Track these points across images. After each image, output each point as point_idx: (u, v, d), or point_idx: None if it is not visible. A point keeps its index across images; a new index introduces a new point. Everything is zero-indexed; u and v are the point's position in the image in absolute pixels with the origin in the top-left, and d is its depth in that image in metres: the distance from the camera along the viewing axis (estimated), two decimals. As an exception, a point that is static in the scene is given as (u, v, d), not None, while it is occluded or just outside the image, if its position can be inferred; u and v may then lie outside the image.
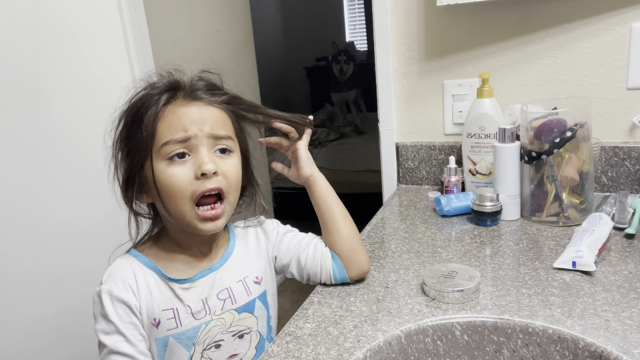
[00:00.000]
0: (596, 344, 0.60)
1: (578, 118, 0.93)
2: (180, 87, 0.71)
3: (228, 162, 0.71)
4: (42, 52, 1.31)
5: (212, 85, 0.74)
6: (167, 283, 0.72)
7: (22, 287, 1.36)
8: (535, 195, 0.99)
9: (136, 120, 0.69)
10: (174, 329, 0.71)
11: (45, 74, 1.32)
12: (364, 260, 0.80)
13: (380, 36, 1.25)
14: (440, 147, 1.26)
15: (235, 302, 0.76)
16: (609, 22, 1.07)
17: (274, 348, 0.65)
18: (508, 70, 1.17)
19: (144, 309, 0.70)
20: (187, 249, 0.75)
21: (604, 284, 0.74)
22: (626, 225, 0.91)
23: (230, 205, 0.72)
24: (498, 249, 0.89)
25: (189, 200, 0.68)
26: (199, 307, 0.73)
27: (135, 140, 0.69)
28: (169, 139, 0.67)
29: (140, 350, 0.68)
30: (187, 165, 0.68)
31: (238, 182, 0.73)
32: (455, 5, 1.17)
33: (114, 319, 0.67)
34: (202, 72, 0.75)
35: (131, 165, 0.71)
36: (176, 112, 0.68)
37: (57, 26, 1.31)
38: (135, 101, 0.71)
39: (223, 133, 0.70)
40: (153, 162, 0.68)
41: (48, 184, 1.36)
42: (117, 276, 0.70)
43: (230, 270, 0.77)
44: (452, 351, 0.69)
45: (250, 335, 0.77)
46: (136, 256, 0.74)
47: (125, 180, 0.72)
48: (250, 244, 0.81)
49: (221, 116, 0.72)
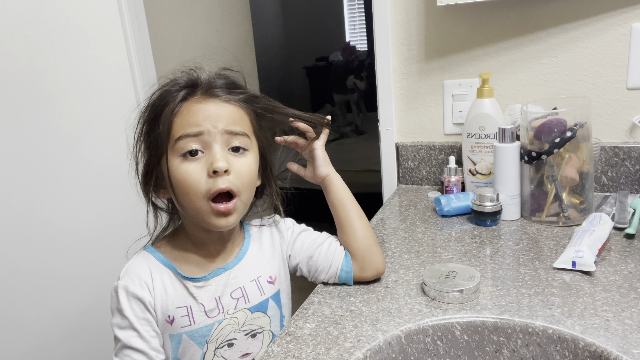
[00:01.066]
0: (596, 344, 0.60)
1: (578, 118, 0.93)
2: (199, 84, 0.71)
3: (242, 161, 0.70)
4: (42, 52, 1.31)
5: (230, 83, 0.74)
6: (181, 281, 0.73)
7: (24, 287, 1.36)
8: (535, 195, 0.99)
9: (155, 117, 0.70)
10: (188, 327, 0.72)
11: (45, 73, 1.32)
12: (379, 260, 0.80)
13: (380, 36, 1.25)
14: (440, 147, 1.26)
15: (249, 302, 0.76)
16: (609, 22, 1.07)
17: (274, 348, 0.65)
18: (508, 70, 1.17)
19: (158, 305, 0.71)
20: (202, 247, 0.75)
21: (604, 284, 0.74)
22: (626, 225, 0.91)
23: (243, 204, 0.72)
24: (498, 249, 0.89)
25: (203, 198, 0.68)
26: (212, 305, 0.73)
27: (153, 136, 0.70)
28: (182, 134, 0.67)
29: (152, 347, 0.70)
30: (201, 163, 0.68)
31: (251, 182, 0.72)
32: (455, 5, 1.17)
33: (128, 314, 0.69)
34: (223, 69, 0.76)
35: (149, 161, 0.71)
36: (192, 108, 0.69)
37: (57, 26, 1.31)
38: (155, 98, 0.72)
39: (238, 129, 0.70)
40: (168, 158, 0.68)
41: (48, 183, 1.36)
42: (133, 272, 0.72)
43: (244, 270, 0.77)
44: (452, 351, 0.69)
45: (262, 335, 0.77)
46: (152, 253, 0.74)
47: (144, 175, 0.73)
48: (265, 244, 0.81)
49: (237, 113, 0.71)
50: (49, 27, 1.30)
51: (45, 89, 1.33)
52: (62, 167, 1.37)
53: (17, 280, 1.35)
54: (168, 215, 0.78)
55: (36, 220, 1.36)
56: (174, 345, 0.73)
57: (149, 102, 0.72)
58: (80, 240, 1.40)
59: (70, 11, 1.30)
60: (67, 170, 1.37)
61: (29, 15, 1.29)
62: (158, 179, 0.72)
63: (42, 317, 1.39)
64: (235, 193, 0.69)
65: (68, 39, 1.32)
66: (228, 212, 0.69)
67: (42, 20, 1.30)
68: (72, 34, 1.32)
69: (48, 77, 1.33)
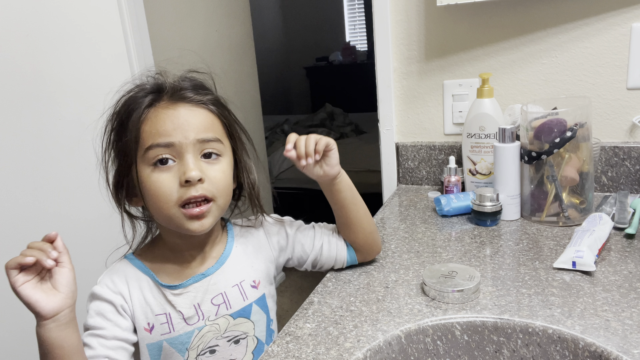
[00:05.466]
0: (596, 344, 0.60)
1: (578, 118, 0.93)
2: (164, 89, 0.69)
3: (215, 167, 0.69)
4: (42, 51, 1.31)
5: (198, 85, 0.72)
6: (160, 288, 0.72)
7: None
8: (535, 195, 0.99)
9: (122, 124, 0.68)
10: (167, 334, 0.71)
11: (45, 73, 1.32)
12: (379, 245, 0.86)
13: (380, 36, 1.25)
14: (440, 147, 1.26)
15: (230, 308, 0.74)
16: (609, 22, 1.07)
17: (274, 348, 0.65)
18: (508, 70, 1.17)
19: (137, 313, 0.71)
20: (179, 253, 0.74)
21: (604, 284, 0.74)
22: (626, 225, 0.91)
23: (219, 208, 0.70)
24: (498, 249, 0.89)
25: (175, 205, 0.66)
26: (190, 312, 0.72)
27: (121, 144, 0.68)
28: (152, 143, 0.66)
29: (107, 347, 0.67)
30: (172, 172, 0.66)
31: (226, 187, 0.70)
32: (455, 5, 1.17)
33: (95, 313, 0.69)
34: (189, 72, 0.73)
35: (119, 169, 0.70)
36: (160, 114, 0.67)
37: (57, 26, 1.31)
38: (121, 105, 0.70)
39: (210, 136, 0.68)
40: (138, 167, 0.67)
41: (48, 183, 1.36)
42: (108, 279, 0.72)
43: (225, 275, 0.75)
44: (452, 351, 0.69)
45: (246, 341, 0.76)
46: (132, 260, 0.74)
47: (115, 184, 0.71)
48: (250, 246, 0.79)
49: (208, 118, 0.69)
50: (49, 27, 1.30)
51: (45, 89, 1.33)
52: (62, 166, 1.37)
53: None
54: (146, 223, 0.77)
55: (36, 220, 1.36)
56: (155, 353, 0.72)
57: (115, 110, 0.70)
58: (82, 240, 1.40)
59: (70, 12, 1.30)
60: (67, 169, 1.37)
61: (29, 15, 1.29)
62: (129, 188, 0.70)
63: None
64: (210, 198, 0.68)
65: (68, 39, 1.32)
66: (202, 215, 0.67)
67: (42, 21, 1.30)
68: (72, 34, 1.32)
69: (48, 77, 1.33)
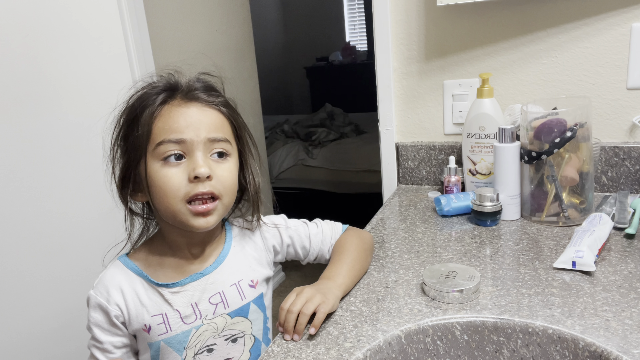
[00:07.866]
0: (596, 344, 0.60)
1: (578, 118, 0.93)
2: (178, 88, 0.71)
3: (223, 166, 0.70)
4: (42, 51, 1.31)
5: (210, 87, 0.74)
6: (155, 288, 0.73)
7: (22, 286, 1.36)
8: (535, 195, 0.99)
9: (133, 119, 0.70)
10: (164, 334, 0.72)
11: (45, 73, 1.32)
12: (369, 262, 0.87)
13: (380, 36, 1.25)
14: (440, 147, 1.26)
15: (228, 307, 0.75)
16: (609, 22, 1.07)
17: (274, 348, 0.65)
18: (508, 70, 1.17)
19: (133, 316, 0.71)
20: (179, 251, 0.75)
21: (604, 284, 0.74)
22: (626, 225, 0.91)
23: (224, 207, 0.72)
24: (498, 249, 0.89)
25: (181, 200, 0.68)
26: (188, 311, 0.73)
27: (131, 139, 0.69)
28: (164, 139, 0.67)
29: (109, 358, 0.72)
30: (182, 168, 0.68)
31: (233, 186, 0.72)
32: (455, 5, 1.17)
33: (92, 324, 0.72)
34: (202, 74, 0.75)
35: (127, 164, 0.71)
36: (172, 112, 0.68)
37: (57, 26, 1.31)
38: (134, 100, 0.71)
39: (220, 136, 0.70)
40: (147, 161, 0.68)
41: (48, 183, 1.36)
42: (102, 285, 0.73)
43: (223, 274, 0.76)
44: (452, 351, 0.69)
45: (244, 339, 0.77)
46: (125, 262, 0.74)
47: (121, 178, 0.72)
48: (248, 246, 0.80)
49: (219, 118, 0.72)
50: (49, 27, 1.30)
51: (45, 89, 1.33)
52: (62, 166, 1.37)
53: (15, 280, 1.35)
54: (144, 220, 0.78)
55: (36, 220, 1.36)
56: (153, 352, 0.73)
57: (127, 105, 0.71)
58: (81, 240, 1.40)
59: (70, 12, 1.31)
60: (67, 169, 1.37)
61: (29, 14, 1.29)
62: (135, 183, 0.71)
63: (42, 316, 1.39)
64: (217, 196, 0.69)
65: (68, 39, 1.32)
66: (208, 212, 0.69)
67: (42, 20, 1.30)
68: (72, 34, 1.32)
69: (48, 77, 1.33)
